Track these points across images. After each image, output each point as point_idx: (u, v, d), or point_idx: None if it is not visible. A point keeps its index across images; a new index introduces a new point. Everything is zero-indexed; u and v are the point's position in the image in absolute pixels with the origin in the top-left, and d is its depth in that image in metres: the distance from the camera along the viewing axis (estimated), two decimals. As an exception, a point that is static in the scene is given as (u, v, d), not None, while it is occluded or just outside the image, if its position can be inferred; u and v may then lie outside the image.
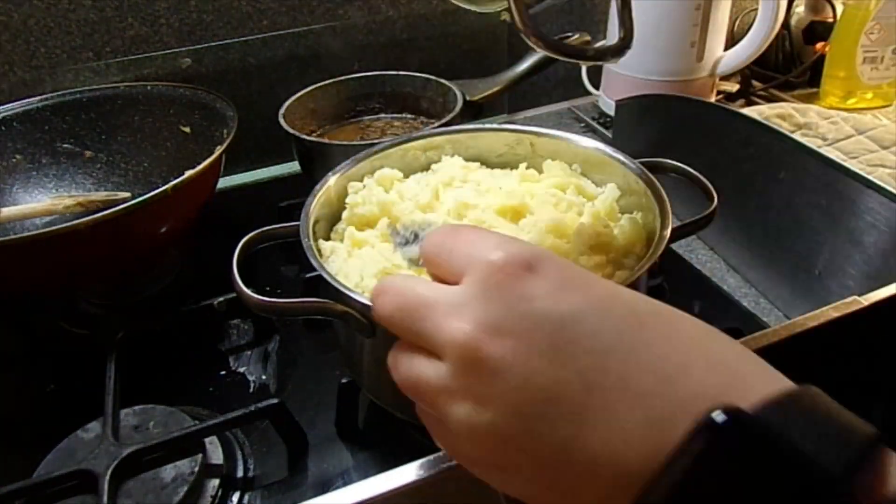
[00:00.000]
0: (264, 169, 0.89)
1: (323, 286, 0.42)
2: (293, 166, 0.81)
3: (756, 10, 0.82)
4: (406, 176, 0.56)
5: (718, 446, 0.20)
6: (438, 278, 0.28)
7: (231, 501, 0.46)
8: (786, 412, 0.21)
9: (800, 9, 1.00)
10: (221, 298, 0.60)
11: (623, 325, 0.24)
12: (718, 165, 0.56)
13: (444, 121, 0.69)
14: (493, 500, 0.40)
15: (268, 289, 0.67)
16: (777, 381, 0.23)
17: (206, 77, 0.82)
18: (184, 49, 0.80)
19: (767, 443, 0.20)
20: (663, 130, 0.76)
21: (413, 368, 0.27)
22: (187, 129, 0.72)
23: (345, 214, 0.52)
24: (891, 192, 0.52)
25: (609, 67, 0.92)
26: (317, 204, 0.49)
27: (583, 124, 0.96)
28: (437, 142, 0.57)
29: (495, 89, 0.78)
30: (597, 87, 0.98)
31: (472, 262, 0.26)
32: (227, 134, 0.63)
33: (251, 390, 0.56)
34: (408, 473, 0.36)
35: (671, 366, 0.23)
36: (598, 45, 0.38)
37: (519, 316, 0.24)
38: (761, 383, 0.23)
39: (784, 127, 0.79)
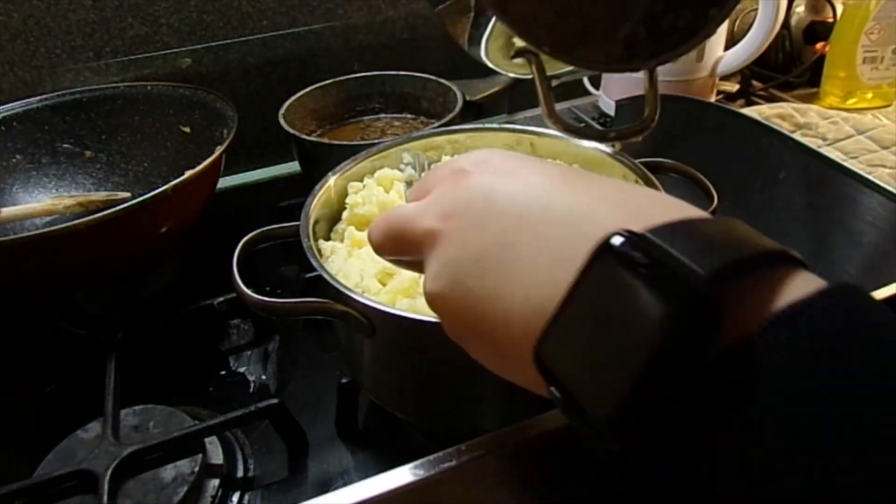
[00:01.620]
0: (264, 169, 0.89)
1: (323, 286, 0.42)
2: (293, 166, 0.81)
3: (756, 10, 0.82)
4: (406, 176, 0.56)
5: (608, 264, 0.21)
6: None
7: (231, 501, 0.46)
8: (682, 230, 0.21)
9: (800, 9, 1.00)
10: (221, 298, 0.60)
11: (543, 187, 0.26)
12: (718, 165, 0.56)
13: (444, 121, 0.69)
14: (494, 500, 0.40)
15: (268, 289, 0.67)
16: (692, 213, 0.24)
17: (206, 77, 0.82)
18: (184, 49, 0.80)
19: (649, 253, 0.20)
20: (663, 130, 0.75)
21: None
22: (187, 129, 0.72)
23: (345, 214, 0.52)
24: (891, 192, 0.52)
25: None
26: (317, 204, 0.49)
27: (583, 124, 0.96)
28: (437, 142, 0.57)
29: (495, 89, 0.78)
30: (597, 87, 0.98)
31: (436, 178, 0.31)
32: (227, 134, 0.63)
33: (251, 390, 0.56)
34: (408, 473, 0.36)
35: (580, 212, 0.24)
36: (621, 127, 0.38)
37: (463, 203, 0.27)
38: (672, 216, 0.22)
39: (784, 127, 0.79)
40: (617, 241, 0.21)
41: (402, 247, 0.31)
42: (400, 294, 0.43)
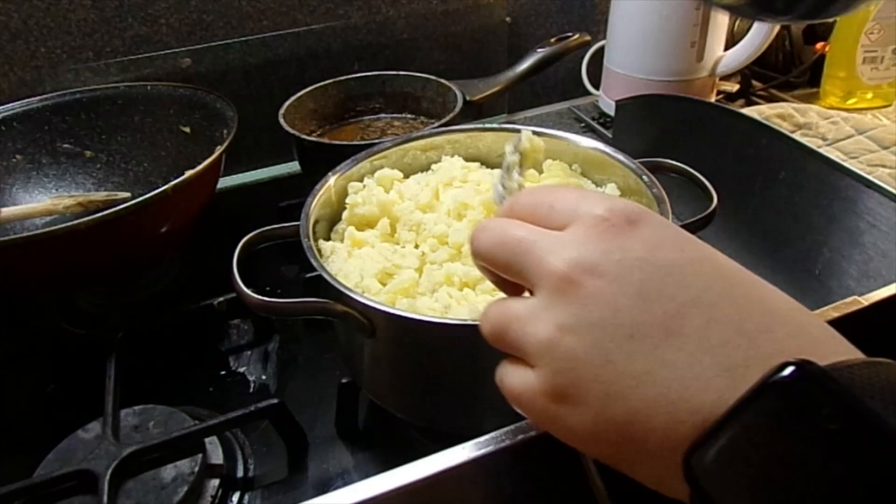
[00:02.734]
0: (264, 169, 0.89)
1: (323, 286, 0.42)
2: (293, 166, 0.81)
3: (756, 10, 0.81)
4: (406, 176, 0.56)
5: (789, 394, 0.20)
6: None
7: (231, 501, 0.46)
8: (861, 373, 0.20)
9: (800, 9, 1.00)
10: (221, 298, 0.60)
11: (711, 280, 0.24)
12: (718, 165, 0.56)
13: (444, 121, 0.69)
14: (493, 500, 0.40)
15: (268, 289, 0.67)
16: (858, 355, 0.23)
17: (206, 77, 0.82)
18: (184, 49, 0.80)
19: (837, 397, 0.19)
20: (663, 130, 0.76)
21: (505, 306, 0.28)
22: (187, 129, 0.72)
23: (345, 214, 0.52)
24: (891, 192, 0.52)
25: (609, 67, 0.92)
26: (317, 204, 0.49)
27: (583, 124, 0.96)
28: (437, 142, 0.57)
29: (495, 89, 0.78)
30: (597, 87, 0.98)
31: (577, 214, 0.27)
32: (227, 134, 0.63)
33: (251, 390, 0.56)
34: (408, 473, 0.35)
35: (752, 324, 0.23)
36: None
37: (615, 262, 0.25)
38: (842, 353, 0.22)
39: (784, 127, 0.79)
40: (791, 370, 0.20)
41: (516, 267, 0.27)
42: (400, 294, 0.43)
